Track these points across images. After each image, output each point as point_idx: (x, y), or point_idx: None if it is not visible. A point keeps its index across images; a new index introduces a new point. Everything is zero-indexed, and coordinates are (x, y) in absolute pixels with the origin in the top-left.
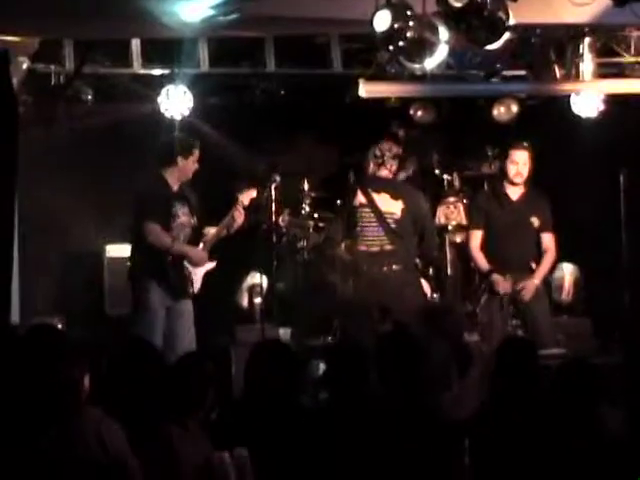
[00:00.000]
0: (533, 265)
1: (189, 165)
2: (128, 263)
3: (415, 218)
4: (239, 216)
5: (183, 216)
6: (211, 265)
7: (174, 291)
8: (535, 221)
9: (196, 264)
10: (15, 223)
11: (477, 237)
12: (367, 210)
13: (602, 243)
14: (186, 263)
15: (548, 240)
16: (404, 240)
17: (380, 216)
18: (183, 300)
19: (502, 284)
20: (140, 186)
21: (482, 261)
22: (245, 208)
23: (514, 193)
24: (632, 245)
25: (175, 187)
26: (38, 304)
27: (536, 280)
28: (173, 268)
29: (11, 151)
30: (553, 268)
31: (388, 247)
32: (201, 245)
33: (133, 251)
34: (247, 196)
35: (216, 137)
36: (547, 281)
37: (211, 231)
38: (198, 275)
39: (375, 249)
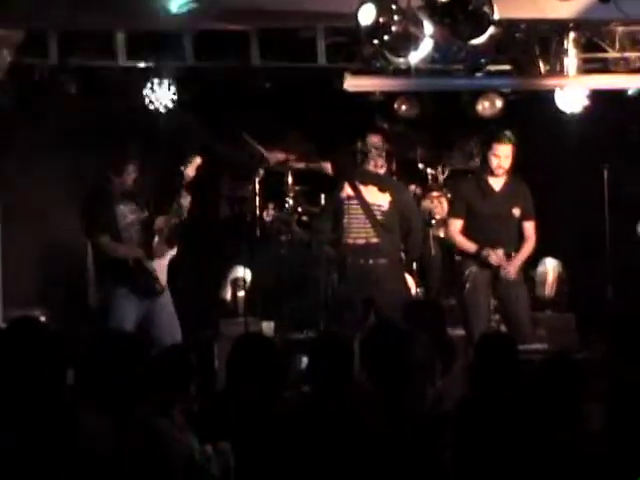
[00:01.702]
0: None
1: (125, 180)
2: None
3: (402, 212)
4: (183, 200)
5: (130, 215)
6: (173, 252)
7: (141, 292)
8: (517, 211)
9: (155, 257)
10: None
11: (457, 225)
12: (354, 202)
13: (585, 238)
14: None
15: (529, 228)
16: (390, 233)
17: (367, 208)
18: (155, 298)
19: (495, 255)
20: (82, 200)
21: (467, 242)
22: (192, 180)
23: (496, 184)
24: (615, 240)
25: (118, 192)
26: (20, 296)
27: (517, 261)
28: (135, 270)
29: None
30: (535, 260)
31: (374, 240)
32: (156, 238)
33: (95, 261)
34: (192, 166)
35: (200, 130)
36: (529, 277)
37: (160, 219)
38: (161, 267)
39: (361, 242)
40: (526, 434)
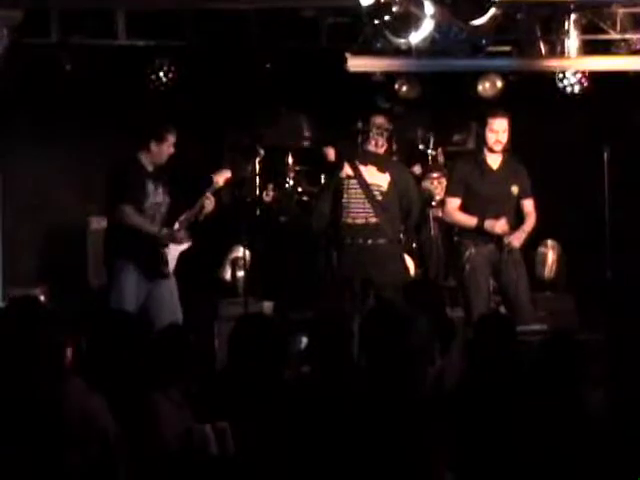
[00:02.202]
0: None
1: (163, 150)
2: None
3: (402, 192)
4: (209, 204)
5: (157, 196)
6: (187, 245)
7: (148, 272)
8: (515, 189)
9: (171, 241)
10: None
11: (455, 204)
12: (353, 182)
13: (585, 219)
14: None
15: (529, 205)
16: (389, 213)
17: (366, 188)
18: (161, 280)
19: (499, 225)
20: (113, 168)
21: (467, 218)
22: (220, 189)
23: (494, 162)
24: (615, 221)
25: (150, 168)
26: (21, 275)
27: (521, 232)
28: (147, 249)
29: None
30: (535, 241)
31: (373, 220)
32: (176, 225)
33: (107, 230)
34: (222, 176)
35: (200, 110)
36: (529, 258)
37: (185, 213)
38: (173, 254)
39: (360, 221)
40: (525, 415)
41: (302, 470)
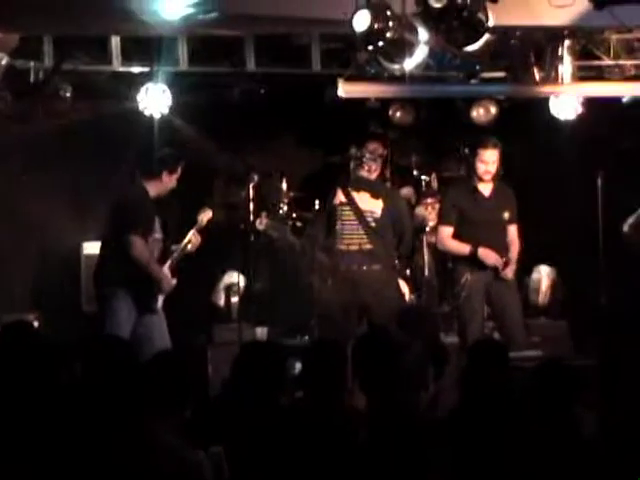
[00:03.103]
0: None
1: (172, 181)
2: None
3: (394, 218)
4: (195, 241)
5: (158, 231)
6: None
7: (141, 304)
8: (506, 215)
9: (164, 291)
10: None
11: (448, 232)
12: (347, 209)
13: (579, 245)
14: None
15: (513, 231)
16: (383, 239)
17: (360, 215)
18: (151, 315)
19: (492, 256)
20: (124, 195)
21: (461, 245)
22: (202, 229)
23: (485, 189)
24: (609, 247)
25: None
26: (14, 300)
27: (512, 264)
28: (144, 282)
29: None
30: (529, 267)
31: (367, 246)
32: (169, 262)
33: (106, 257)
34: (205, 215)
35: (195, 136)
36: (522, 284)
37: (175, 248)
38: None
39: (354, 248)
40: (518, 440)
41: None
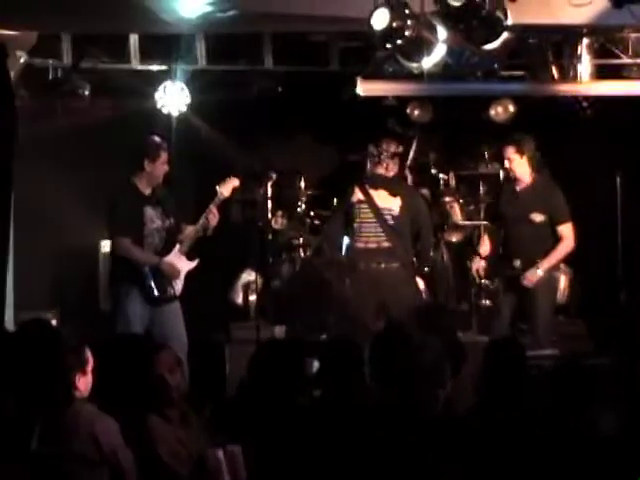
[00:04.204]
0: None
1: (158, 168)
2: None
3: (412, 216)
4: (212, 218)
5: (157, 220)
6: (192, 265)
7: (154, 298)
8: (536, 214)
9: (170, 276)
10: (11, 217)
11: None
12: (365, 207)
13: (598, 243)
14: None
15: (561, 230)
16: (401, 237)
17: (378, 213)
18: (166, 304)
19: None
20: (109, 198)
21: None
22: (226, 200)
23: (519, 187)
24: (628, 245)
25: (147, 191)
26: (32, 299)
27: (539, 269)
28: (153, 275)
29: (8, 145)
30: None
31: (385, 244)
32: (177, 246)
33: (111, 257)
34: (228, 186)
35: (212, 134)
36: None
37: (188, 229)
38: (180, 276)
39: (372, 246)
40: (535, 439)
41: None
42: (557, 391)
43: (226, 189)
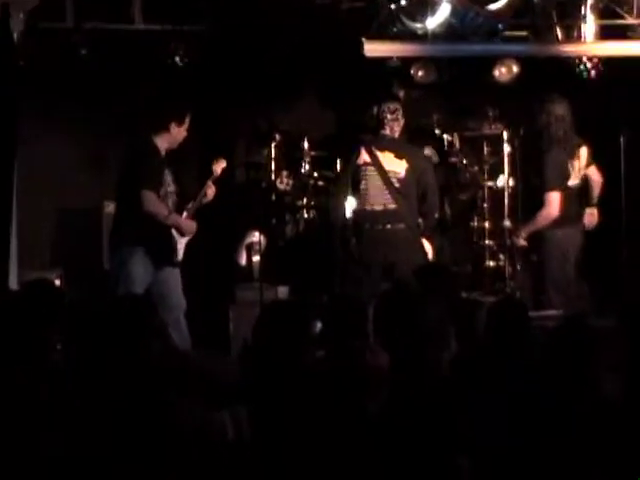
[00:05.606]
0: None
1: (181, 133)
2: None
3: (418, 177)
4: (211, 193)
5: (172, 184)
6: (190, 235)
7: (158, 260)
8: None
9: (186, 234)
10: (14, 178)
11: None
12: (371, 169)
13: (601, 205)
14: (174, 232)
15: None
16: (407, 199)
17: (384, 175)
18: (168, 268)
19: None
20: (131, 151)
21: None
22: (217, 179)
23: None
24: (631, 206)
25: (163, 153)
26: (36, 259)
27: (520, 237)
28: (161, 237)
29: (11, 105)
30: None
31: (392, 206)
32: (184, 214)
33: (121, 216)
34: (219, 166)
35: (216, 95)
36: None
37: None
38: (182, 244)
39: (379, 208)
40: (538, 399)
41: (318, 455)
42: (560, 350)
43: (218, 168)
